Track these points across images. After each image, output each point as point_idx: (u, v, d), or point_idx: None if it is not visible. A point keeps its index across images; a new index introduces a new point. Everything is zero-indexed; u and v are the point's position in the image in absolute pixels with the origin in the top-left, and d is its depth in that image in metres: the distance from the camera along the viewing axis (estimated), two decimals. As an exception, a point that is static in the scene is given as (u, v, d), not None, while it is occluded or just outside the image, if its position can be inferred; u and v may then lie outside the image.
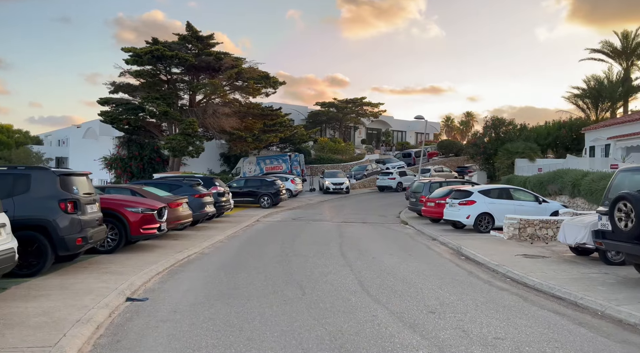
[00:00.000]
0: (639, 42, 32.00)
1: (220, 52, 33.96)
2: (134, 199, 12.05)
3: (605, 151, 23.91)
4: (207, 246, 13.23)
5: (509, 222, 14.26)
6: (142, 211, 11.30)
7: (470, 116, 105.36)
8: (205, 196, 16.87)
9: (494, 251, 12.21)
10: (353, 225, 19.78)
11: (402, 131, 71.47)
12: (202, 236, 14.90)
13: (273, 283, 8.57)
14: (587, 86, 34.37)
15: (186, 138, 30.51)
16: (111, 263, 9.85)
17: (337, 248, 12.92)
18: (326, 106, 59.49)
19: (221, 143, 43.33)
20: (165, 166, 37.89)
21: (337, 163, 49.48)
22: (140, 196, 13.63)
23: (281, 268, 10.04)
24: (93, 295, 7.14)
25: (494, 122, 33.38)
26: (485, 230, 16.32)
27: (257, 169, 39.48)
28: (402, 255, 12.13)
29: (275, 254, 11.89)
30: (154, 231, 11.57)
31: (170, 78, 34.74)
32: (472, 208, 16.41)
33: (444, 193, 19.78)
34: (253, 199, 26.92)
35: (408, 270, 10.02)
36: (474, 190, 16.83)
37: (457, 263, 11.18)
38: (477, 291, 8.20)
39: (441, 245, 14.22)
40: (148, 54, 30.87)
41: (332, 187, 34.33)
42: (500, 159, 29.00)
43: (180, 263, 10.64)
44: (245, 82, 33.69)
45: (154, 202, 12.11)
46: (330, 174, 36.84)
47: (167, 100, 32.06)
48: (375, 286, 8.31)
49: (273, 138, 36.16)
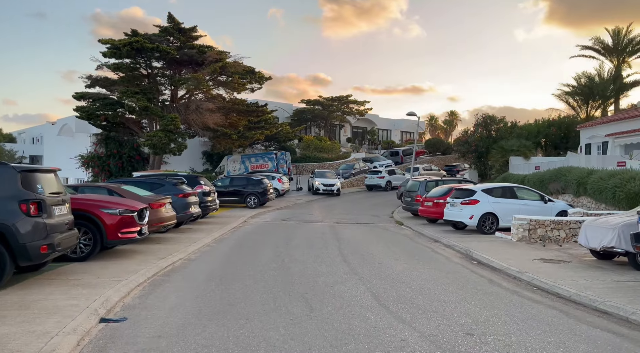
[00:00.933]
0: (631, 39, 31.64)
1: (203, 45, 32.53)
2: (111, 200, 10.74)
3: (603, 149, 23.32)
4: (193, 250, 11.98)
5: (518, 223, 13.33)
6: (120, 212, 10.02)
7: (453, 115, 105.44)
8: (190, 195, 15.59)
9: (507, 254, 11.24)
10: (347, 226, 18.70)
11: (388, 129, 70.73)
12: (188, 239, 13.64)
13: (274, 296, 7.40)
14: (577, 84, 33.91)
15: (168, 135, 29.02)
16: (84, 272, 8.57)
17: (336, 252, 11.81)
18: (311, 104, 58.33)
19: (204, 141, 41.84)
20: (145, 165, 36.30)
21: (322, 162, 48.42)
22: (119, 196, 12.32)
23: (280, 276, 8.88)
24: (59, 316, 5.89)
25: (485, 120, 32.67)
26: (490, 231, 15.39)
27: (241, 167, 38.16)
28: (408, 259, 11.07)
29: (270, 259, 10.72)
30: (134, 235, 10.29)
31: (150, 72, 33.14)
32: (475, 208, 15.46)
33: (442, 192, 18.85)
34: (239, 199, 25.69)
35: (421, 278, 8.96)
36: (476, 189, 15.89)
37: (472, 269, 10.16)
38: (508, 304, 7.17)
39: (446, 248, 13.21)
40: (127, 46, 29.29)
41: (322, 188, 32.36)
42: (494, 157, 28.26)
43: (165, 272, 9.39)
44: (230, 77, 32.31)
45: (133, 203, 10.83)
46: (320, 174, 34.89)
47: (148, 95, 30.49)
48: (392, 300, 7.22)
49: (259, 135, 34.83)
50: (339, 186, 33.00)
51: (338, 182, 33.23)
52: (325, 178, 33.22)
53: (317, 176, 33.79)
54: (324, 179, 32.89)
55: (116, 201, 10.53)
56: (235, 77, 31.65)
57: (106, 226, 9.81)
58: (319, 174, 34.50)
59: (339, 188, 32.75)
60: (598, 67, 32.71)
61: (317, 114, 57.56)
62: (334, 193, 32.46)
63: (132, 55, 30.58)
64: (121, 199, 11.23)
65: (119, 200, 10.86)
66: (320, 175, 34.27)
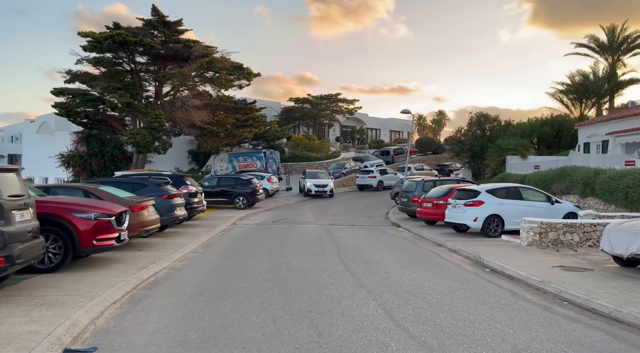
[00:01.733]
0: (626, 36, 31.17)
1: (189, 40, 31.29)
2: (86, 202, 9.59)
3: (602, 148, 22.68)
4: (179, 258, 10.88)
5: (529, 226, 12.46)
6: (96, 217, 8.89)
7: (442, 114, 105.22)
8: (175, 197, 14.47)
9: (521, 261, 10.35)
10: (342, 229, 17.73)
11: (377, 129, 69.96)
12: (172, 244, 12.53)
13: (273, 316, 6.37)
14: (571, 82, 33.37)
15: (152, 133, 27.75)
16: (51, 287, 7.44)
17: (336, 260, 10.81)
18: (300, 102, 57.30)
19: (189, 139, 40.58)
20: (129, 164, 34.96)
21: (312, 161, 47.44)
22: (96, 197, 11.17)
23: (278, 290, 7.85)
24: (12, 348, 4.80)
25: (479, 119, 31.95)
26: (495, 234, 14.53)
27: (229, 167, 36.99)
28: (416, 267, 10.12)
29: (265, 269, 9.67)
30: (111, 242, 9.17)
31: (133, 68, 31.80)
32: (479, 210, 14.58)
33: (442, 192, 17.96)
34: (227, 199, 24.58)
35: (436, 290, 8.00)
36: (480, 189, 15.01)
37: (487, 278, 9.23)
38: (544, 324, 6.23)
39: (453, 253, 12.29)
40: (109, 39, 27.95)
41: (314, 189, 30.60)
42: (490, 156, 27.50)
43: (146, 284, 8.30)
44: (217, 73, 31.09)
45: (111, 205, 9.70)
46: (311, 174, 33.02)
47: (131, 91, 29.16)
48: (410, 320, 6.24)
49: (247, 134, 33.67)
50: (332, 186, 31.41)
51: (331, 183, 31.58)
52: (317, 179, 31.50)
53: (309, 177, 32.09)
54: (316, 180, 31.16)
55: (91, 204, 9.39)
56: (222, 73, 30.46)
57: (79, 232, 8.68)
58: (310, 175, 32.78)
59: (331, 189, 31.18)
60: (593, 65, 32.28)
61: (306, 112, 56.53)
62: (327, 194, 30.96)
63: (114, 49, 29.25)
64: (97, 201, 10.09)
65: (94, 203, 9.72)
66: (312, 176, 32.56)
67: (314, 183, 30.70)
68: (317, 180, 31.11)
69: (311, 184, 30.74)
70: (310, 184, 30.77)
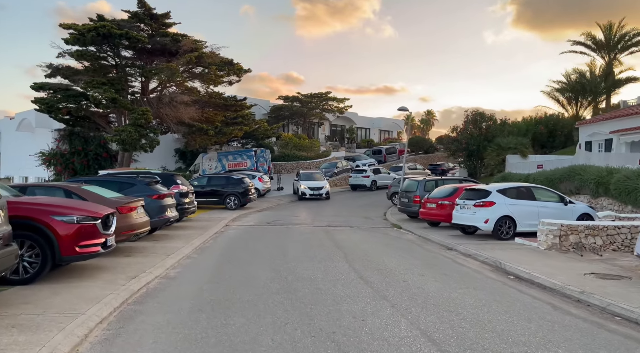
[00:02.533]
0: (623, 34, 30.78)
1: (178, 33, 30.07)
2: (67, 204, 8.49)
3: (605, 146, 22.11)
4: (172, 265, 9.83)
5: (548, 228, 11.65)
6: (79, 220, 7.81)
7: (430, 114, 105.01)
8: (166, 197, 13.37)
9: (547, 267, 9.51)
10: (342, 231, 16.81)
11: (366, 128, 69.19)
12: (164, 249, 11.46)
13: (291, 338, 5.39)
14: (566, 81, 32.90)
15: (138, 130, 26.49)
16: (26, 303, 6.37)
17: (346, 266, 9.86)
18: (289, 100, 56.21)
19: (176, 138, 39.31)
20: (113, 163, 33.63)
21: (302, 161, 46.48)
22: (79, 198, 10.07)
23: (289, 304, 6.87)
24: (-29, 392, 3.76)
25: (475, 117, 31.28)
26: (506, 237, 13.72)
27: (218, 166, 35.83)
28: (435, 275, 9.22)
29: (269, 278, 8.68)
30: (97, 249, 8.09)
31: (118, 62, 30.49)
32: (491, 211, 13.75)
33: (446, 192, 17.13)
34: (218, 199, 23.51)
35: (466, 302, 7.09)
36: (491, 189, 14.18)
37: (518, 288, 8.35)
38: (609, 348, 5.35)
39: (468, 258, 11.42)
40: (92, 31, 26.62)
41: (308, 192, 28.37)
42: (489, 155, 26.79)
43: (137, 297, 7.26)
44: (207, 69, 29.91)
45: (96, 207, 8.61)
46: (306, 176, 30.48)
47: (116, 86, 27.85)
48: (455, 343, 5.30)
49: (237, 132, 32.53)
50: (328, 189, 29.25)
51: (326, 184, 29.37)
52: (312, 180, 29.29)
53: (303, 179, 29.71)
54: (311, 182, 28.97)
55: (73, 206, 8.29)
56: (212, 69, 29.29)
57: (59, 238, 7.59)
58: (305, 176, 30.26)
59: (328, 191, 29.03)
60: (590, 63, 31.80)
61: (295, 111, 55.47)
62: (323, 196, 28.73)
63: (99, 42, 27.91)
64: (80, 202, 8.98)
65: (77, 204, 8.62)
66: (306, 177, 30.09)
67: (309, 186, 28.64)
68: (311, 182, 29.04)
69: (305, 186, 28.62)
70: (305, 186, 28.64)
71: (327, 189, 28.96)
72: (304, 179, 29.61)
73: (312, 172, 31.99)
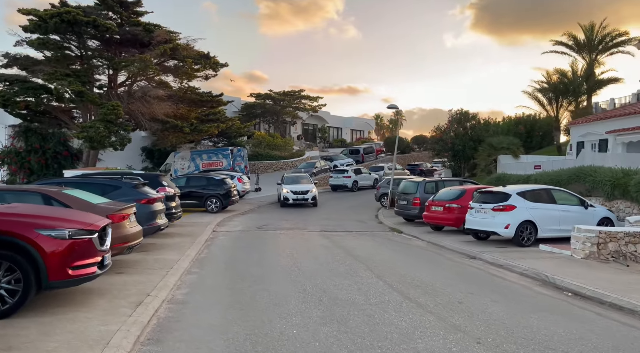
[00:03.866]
0: (605, 34, 30.89)
1: (150, 23, 27.98)
2: (54, 214, 6.83)
3: (599, 147, 21.78)
4: (175, 284, 8.29)
5: (585, 235, 10.73)
6: (71, 234, 6.20)
7: (399, 114, 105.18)
8: (156, 201, 11.71)
9: (603, 281, 8.53)
10: (342, 236, 15.60)
11: (338, 127, 68.12)
12: (158, 262, 9.86)
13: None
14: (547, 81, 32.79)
15: (108, 126, 24.34)
16: (8, 349, 4.77)
17: (380, 283, 8.58)
18: (262, 98, 54.51)
19: (143, 135, 37.01)
20: (75, 161, 31.14)
21: (276, 160, 45.01)
22: (61, 205, 8.36)
23: (349, 341, 5.50)
24: None
25: (460, 117, 30.65)
26: (528, 243, 12.79)
27: (191, 165, 33.80)
28: (484, 292, 8.08)
29: (300, 299, 7.30)
30: (93, 269, 6.49)
31: (84, 53, 28.15)
32: (511, 215, 12.79)
33: (454, 194, 16.15)
34: (198, 202, 21.81)
35: (557, 334, 5.94)
36: (511, 192, 13.21)
37: (593, 309, 7.28)
38: None
39: (500, 269, 10.34)
40: (56, 17, 24.30)
41: (291, 197, 24.77)
42: (480, 155, 26.12)
43: (150, 333, 5.75)
44: (182, 62, 27.96)
45: (89, 217, 6.98)
46: (291, 179, 26.53)
47: (82, 78, 25.59)
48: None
49: (214, 129, 30.66)
50: (315, 193, 25.35)
51: (313, 188, 25.47)
52: (297, 184, 25.74)
53: (287, 183, 26.03)
54: (295, 186, 25.43)
55: (62, 216, 6.65)
56: (188, 62, 27.36)
57: (47, 258, 5.97)
58: (289, 180, 26.40)
59: (314, 196, 25.23)
60: (572, 63, 31.78)
61: (268, 109, 53.81)
62: (309, 202, 25.13)
63: (62, 29, 25.58)
64: (70, 212, 7.30)
65: (66, 214, 6.96)
66: (291, 181, 26.32)
67: (292, 189, 25.05)
68: (296, 186, 25.45)
69: (288, 190, 25.00)
70: (287, 190, 25.02)
71: (313, 194, 25.19)
72: (288, 183, 26.14)
73: (298, 175, 27.94)
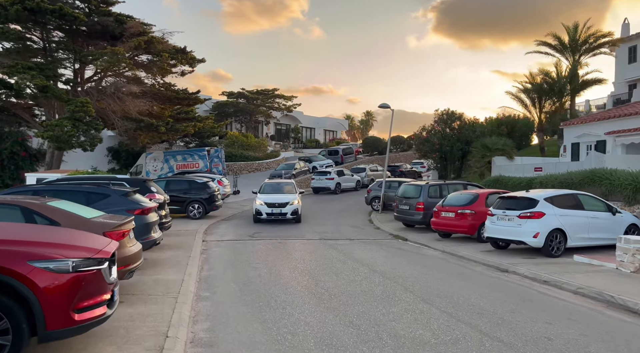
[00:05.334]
0: (589, 34, 30.83)
1: (122, 14, 25.89)
2: (47, 237, 5.21)
3: (596, 148, 21.33)
4: (190, 316, 6.81)
5: (635, 247, 9.83)
6: (76, 266, 4.65)
7: (369, 115, 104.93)
8: (151, 211, 10.08)
9: (676, 300, 7.58)
10: (346, 245, 14.50)
11: (311, 127, 66.87)
12: (159, 284, 8.32)
13: None
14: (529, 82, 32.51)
15: (76, 125, 22.18)
16: None
17: (435, 311, 7.35)
18: (234, 97, 52.65)
19: (109, 135, 34.62)
20: (34, 163, 28.69)
21: (250, 161, 43.38)
22: (47, 221, 6.72)
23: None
24: None
25: (446, 117, 29.91)
26: (558, 253, 11.84)
27: (164, 167, 31.72)
28: (563, 321, 6.99)
29: (358, 338, 5.97)
30: (102, 310, 4.94)
31: (48, 46, 25.82)
32: (540, 223, 11.80)
33: (465, 199, 15.14)
34: (178, 207, 20.02)
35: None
36: (538, 197, 12.24)
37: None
38: None
39: (545, 285, 9.27)
40: (17, 4, 21.98)
41: (264, 211, 18.83)
42: (474, 157, 25.36)
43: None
44: (157, 56, 25.99)
45: (94, 240, 5.41)
46: (270, 187, 20.59)
47: (46, 72, 23.29)
48: None
49: (191, 128, 28.75)
50: (297, 206, 19.17)
51: (295, 199, 19.29)
52: (276, 194, 19.83)
53: (264, 191, 20.23)
54: (271, 196, 19.44)
55: (60, 241, 5.05)
56: (164, 56, 25.42)
57: (44, 299, 4.41)
58: (269, 188, 20.49)
59: (296, 210, 19.02)
60: (555, 64, 31.53)
61: (241, 108, 51.98)
62: (287, 218, 18.99)
63: (24, 18, 23.26)
64: (65, 233, 5.66)
65: (63, 236, 5.35)
66: (270, 189, 20.43)
67: (266, 200, 19.05)
68: (272, 196, 19.44)
69: (261, 202, 19.06)
70: (260, 202, 19.08)
71: (294, 207, 18.98)
72: (265, 191, 20.21)
73: (280, 182, 21.78)
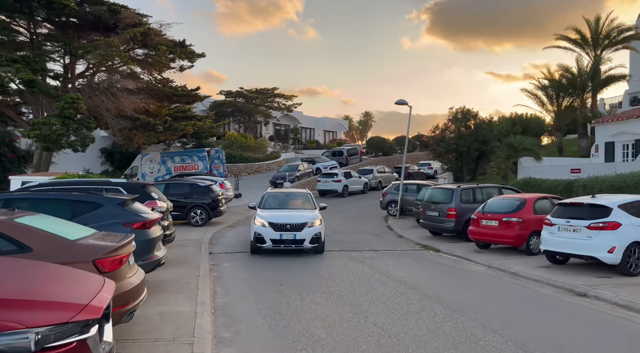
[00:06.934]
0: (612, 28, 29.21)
1: (116, 3, 23.89)
2: (13, 293, 3.27)
3: (634, 148, 19.57)
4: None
5: None
6: (41, 340, 2.72)
7: (368, 115, 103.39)
8: (154, 224, 8.10)
9: None
10: (375, 258, 12.80)
11: (311, 128, 64.99)
12: (166, 320, 6.40)
13: None
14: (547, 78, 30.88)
15: (66, 123, 20.13)
16: None
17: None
18: (232, 96, 50.66)
19: (102, 135, 32.56)
20: (23, 164, 26.60)
21: (250, 162, 41.46)
22: (15, 246, 4.75)
23: None
24: None
25: (464, 115, 28.14)
26: (637, 271, 10.00)
27: (161, 169, 29.70)
28: None
29: None
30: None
31: (35, 38, 23.76)
32: (616, 235, 9.95)
33: (510, 206, 13.30)
34: (179, 213, 18.04)
35: None
36: (611, 205, 10.38)
37: None
38: None
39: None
40: (1, -9, 19.97)
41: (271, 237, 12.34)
42: (498, 157, 23.55)
43: None
44: (154, 50, 23.98)
45: (76, 284, 3.47)
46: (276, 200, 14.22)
47: (33, 66, 21.24)
48: None
49: (189, 128, 26.74)
50: (320, 228, 12.65)
51: (316, 218, 12.78)
52: (285, 210, 13.49)
53: (267, 205, 13.74)
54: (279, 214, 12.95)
55: (17, 292, 3.11)
56: (162, 50, 23.41)
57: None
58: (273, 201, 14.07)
59: (317, 235, 12.52)
60: (576, 59, 29.91)
61: (239, 107, 49.98)
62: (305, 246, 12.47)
63: (9, 7, 21.23)
64: (29, 274, 3.71)
65: (24, 279, 3.40)
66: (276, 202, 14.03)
67: (271, 219, 12.54)
68: (280, 213, 13.05)
69: (264, 222, 12.49)
70: (263, 222, 12.51)
71: (316, 230, 12.53)
72: (269, 206, 13.74)
73: (290, 192, 15.13)
